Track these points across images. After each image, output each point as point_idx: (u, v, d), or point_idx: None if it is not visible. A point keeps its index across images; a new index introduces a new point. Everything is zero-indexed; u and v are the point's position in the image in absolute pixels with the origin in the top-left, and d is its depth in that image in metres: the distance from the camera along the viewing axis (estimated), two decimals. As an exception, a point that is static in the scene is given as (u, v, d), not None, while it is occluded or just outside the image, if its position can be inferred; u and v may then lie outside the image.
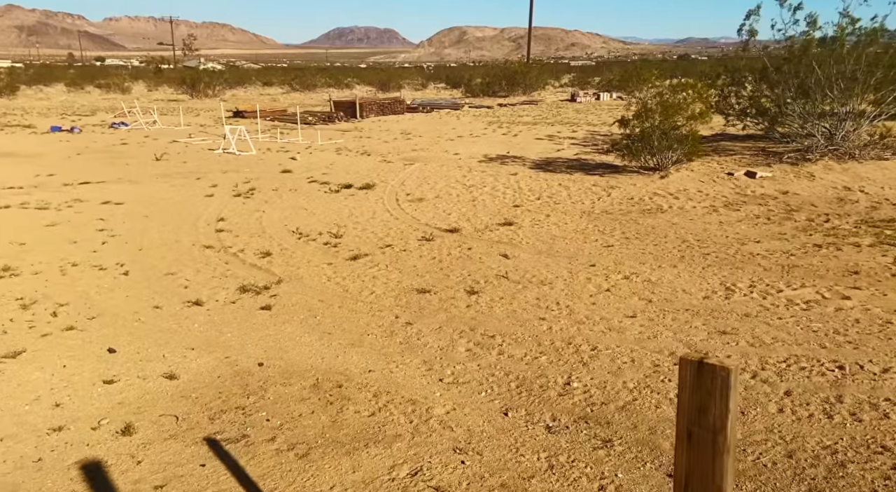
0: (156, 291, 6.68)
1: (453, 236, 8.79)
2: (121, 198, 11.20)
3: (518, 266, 7.45)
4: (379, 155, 16.63)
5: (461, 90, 46.07)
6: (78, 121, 25.35)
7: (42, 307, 6.12)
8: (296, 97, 44.78)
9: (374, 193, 11.85)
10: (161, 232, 9.03)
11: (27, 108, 31.92)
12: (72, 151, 17.26)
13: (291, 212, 10.38)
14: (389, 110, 29.21)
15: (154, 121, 24.51)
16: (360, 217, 9.99)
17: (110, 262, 7.59)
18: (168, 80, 51.46)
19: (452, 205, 10.73)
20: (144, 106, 29.88)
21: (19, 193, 11.57)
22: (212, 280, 7.04)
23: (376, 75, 60.24)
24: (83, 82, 49.69)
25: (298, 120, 23.05)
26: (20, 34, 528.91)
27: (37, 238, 8.57)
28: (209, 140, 19.77)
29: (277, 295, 6.58)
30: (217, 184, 12.68)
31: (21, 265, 7.35)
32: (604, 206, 10.42)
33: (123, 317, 5.97)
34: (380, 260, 7.77)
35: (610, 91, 37.73)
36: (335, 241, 8.63)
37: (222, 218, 9.88)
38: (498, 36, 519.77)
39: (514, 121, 24.52)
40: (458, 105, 33.12)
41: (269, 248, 8.29)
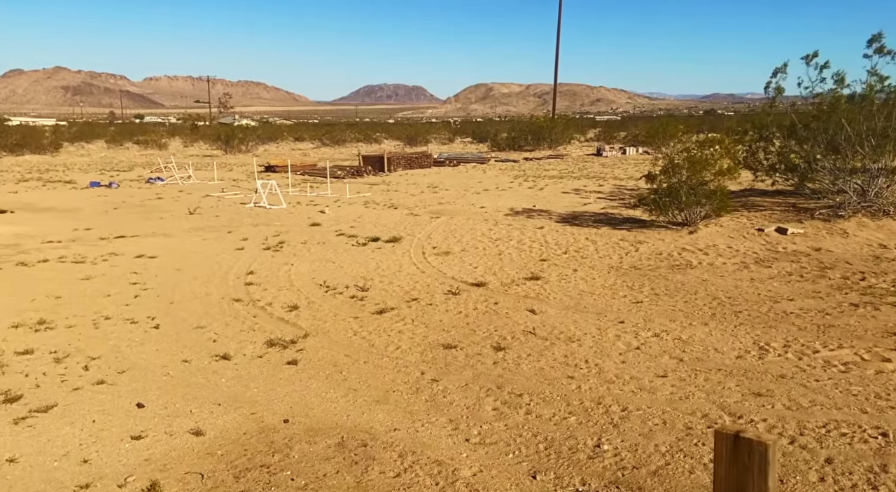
0: (185, 344, 6.74)
1: (479, 290, 8.77)
2: (154, 251, 11.46)
3: (545, 322, 7.38)
4: (406, 208, 16.85)
5: (487, 144, 46.79)
6: (116, 176, 26.26)
7: (74, 361, 6.21)
8: (326, 152, 45.92)
9: (401, 246, 11.95)
10: (192, 285, 9.18)
11: (69, 165, 33.22)
12: (109, 205, 17.81)
13: (319, 265, 10.49)
14: (417, 164, 29.74)
15: (189, 176, 25.27)
16: (387, 270, 10.06)
17: (142, 315, 7.71)
18: (203, 136, 53.26)
19: (479, 258, 10.76)
20: (180, 161, 30.87)
21: (58, 246, 11.92)
22: (240, 334, 7.10)
23: (404, 130, 61.62)
24: (122, 139, 51.69)
25: (328, 174, 23.57)
26: (66, 94, 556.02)
27: (72, 291, 8.77)
28: (241, 194, 20.27)
29: (304, 349, 6.60)
30: (248, 237, 12.92)
31: (56, 319, 7.51)
32: (632, 261, 10.34)
33: (153, 371, 6.02)
34: (406, 314, 7.77)
35: (636, 146, 37.98)
36: (362, 294, 8.67)
37: (252, 271, 10.02)
38: (523, 92, 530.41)
39: (540, 174, 24.74)
40: (484, 159, 33.59)
41: (296, 301, 8.35)
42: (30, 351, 6.40)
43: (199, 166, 29.89)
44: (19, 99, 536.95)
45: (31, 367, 6.02)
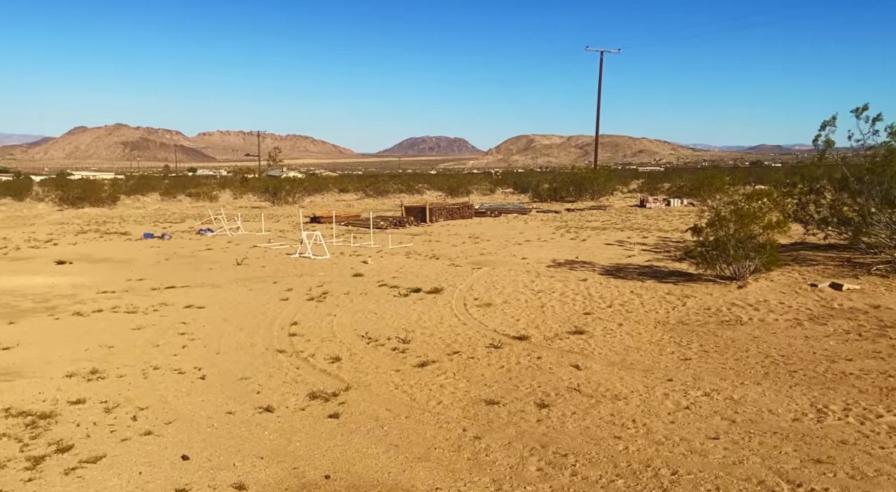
0: (230, 396, 6.81)
1: (522, 344, 8.66)
2: (203, 302, 11.74)
3: (591, 378, 7.22)
4: (447, 259, 16.92)
5: (529, 195, 46.98)
6: (169, 228, 27.23)
7: (124, 411, 6.34)
8: (369, 203, 46.82)
9: (443, 297, 11.95)
10: (238, 336, 9.33)
11: (125, 217, 34.66)
12: (161, 256, 18.41)
13: (361, 316, 10.56)
14: (458, 215, 29.99)
15: (238, 227, 26.03)
16: (428, 322, 10.05)
17: (189, 366, 7.85)
18: (252, 188, 55.02)
19: (521, 311, 10.67)
20: (229, 213, 31.88)
21: (112, 297, 12.34)
22: (283, 385, 7.14)
23: (446, 181, 62.48)
24: (176, 192, 53.84)
25: (371, 225, 23.95)
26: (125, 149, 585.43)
27: (124, 341, 9.02)
28: (287, 245, 20.73)
29: (346, 403, 6.59)
30: (292, 288, 13.13)
31: (108, 368, 7.71)
32: (679, 316, 10.10)
33: (198, 422, 6.09)
34: (447, 367, 7.71)
35: (680, 197, 37.60)
36: (403, 346, 8.66)
37: (295, 322, 10.15)
38: (565, 143, 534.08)
39: (583, 226, 24.63)
40: (525, 210, 33.69)
41: (338, 352, 8.39)
42: (82, 400, 6.57)
43: (247, 217, 30.78)
44: (82, 154, 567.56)
45: (83, 416, 6.17)
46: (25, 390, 6.94)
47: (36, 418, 6.08)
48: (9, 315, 10.70)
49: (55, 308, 11.23)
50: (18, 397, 6.68)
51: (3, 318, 10.50)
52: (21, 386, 7.06)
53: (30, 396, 6.74)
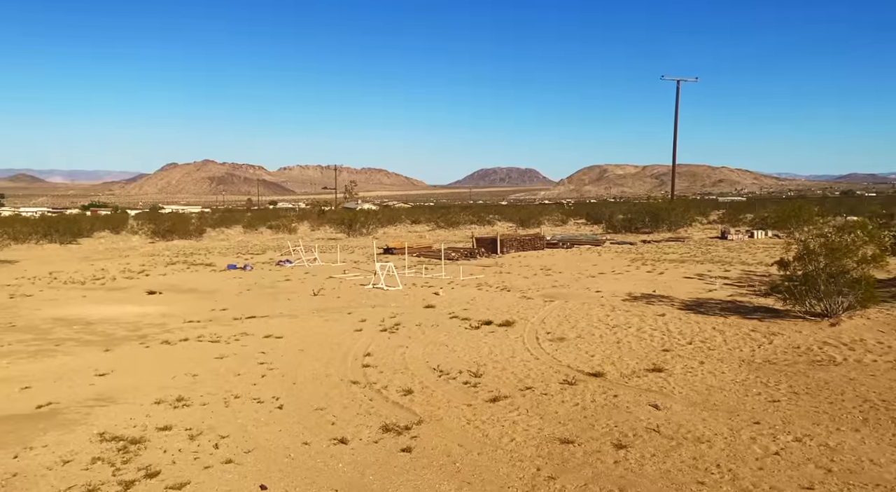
0: (306, 426, 6.95)
1: (597, 381, 8.43)
2: (281, 332, 12.11)
3: (671, 419, 6.92)
4: (519, 291, 16.78)
5: (602, 226, 46.20)
6: (250, 259, 28.38)
7: (206, 438, 6.57)
8: (441, 234, 47.26)
9: (514, 330, 11.83)
10: (314, 366, 9.54)
11: (210, 249, 36.41)
12: (243, 287, 19.17)
13: (433, 348, 10.58)
14: (529, 246, 29.80)
15: (315, 258, 26.83)
16: (500, 356, 9.95)
17: (267, 395, 8.08)
18: (329, 220, 56.80)
19: (595, 346, 10.41)
20: (307, 244, 32.94)
21: (196, 326, 12.92)
22: (357, 417, 7.22)
23: (517, 212, 62.40)
24: (257, 224, 56.20)
25: (442, 256, 24.15)
26: (211, 184, 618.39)
27: (207, 370, 9.40)
28: (361, 276, 21.15)
29: (418, 437, 6.58)
30: (366, 318, 13.34)
31: (192, 396, 8.05)
32: (765, 354, 9.57)
33: (275, 452, 6.23)
34: (520, 403, 7.59)
35: (764, 228, 35.99)
36: (475, 380, 8.60)
37: (369, 353, 10.28)
38: (640, 173, 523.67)
39: (660, 258, 23.93)
40: (599, 241, 33.09)
41: (410, 385, 8.42)
42: (168, 427, 6.87)
43: (323, 249, 31.70)
44: (173, 189, 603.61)
45: (169, 443, 6.44)
46: (118, 415, 7.33)
47: (127, 443, 6.40)
48: (105, 343, 11.39)
49: (146, 337, 11.86)
50: (112, 422, 7.06)
51: (100, 345, 11.18)
52: (114, 411, 7.46)
53: (122, 421, 7.11)
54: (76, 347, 11.00)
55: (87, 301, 16.36)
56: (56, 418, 7.23)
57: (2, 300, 16.52)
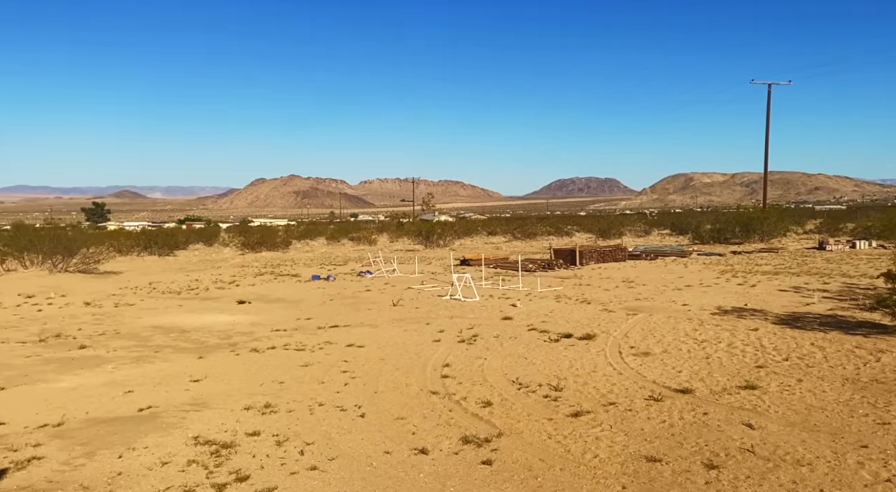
0: (387, 435, 7.02)
1: (685, 398, 8.08)
2: (362, 341, 12.34)
3: (766, 439, 6.52)
4: (599, 304, 16.39)
5: (688, 237, 44.54)
6: (333, 270, 29.19)
7: (292, 445, 6.77)
8: (517, 245, 46.97)
9: (595, 344, 11.55)
10: (394, 375, 9.65)
11: (295, 260, 37.75)
12: (326, 297, 19.72)
13: (511, 360, 10.47)
14: (610, 258, 29.09)
15: (394, 269, 27.28)
16: (581, 369, 9.72)
17: (350, 403, 8.24)
18: (407, 232, 57.67)
19: (682, 361, 9.99)
20: (386, 256, 33.56)
21: (283, 335, 13.38)
22: (436, 428, 7.23)
23: (596, 222, 61.16)
24: (339, 236, 57.81)
25: (520, 267, 23.95)
26: (297, 197, 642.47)
27: (293, 377, 9.70)
28: (438, 287, 21.30)
29: (498, 450, 6.51)
30: (444, 329, 13.39)
31: (279, 403, 8.32)
32: (872, 373, 8.87)
33: (358, 460, 6.33)
34: (603, 419, 7.38)
35: (867, 238, 33.59)
36: (555, 394, 8.44)
37: (447, 364, 10.30)
38: (728, 181, 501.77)
39: (751, 270, 22.77)
40: (685, 252, 31.88)
41: (490, 397, 8.36)
42: (257, 433, 7.12)
43: (402, 260, 32.19)
44: (261, 203, 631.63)
45: (258, 448, 6.67)
46: (211, 419, 7.67)
47: (219, 447, 6.68)
48: (198, 350, 11.99)
49: (236, 345, 12.39)
50: (205, 426, 7.39)
51: (194, 352, 11.77)
52: (207, 416, 7.82)
53: (214, 425, 7.43)
54: (173, 354, 11.64)
55: (182, 310, 17.30)
56: (155, 421, 7.66)
57: (108, 309, 17.73)
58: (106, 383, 9.50)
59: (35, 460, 6.38)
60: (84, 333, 13.90)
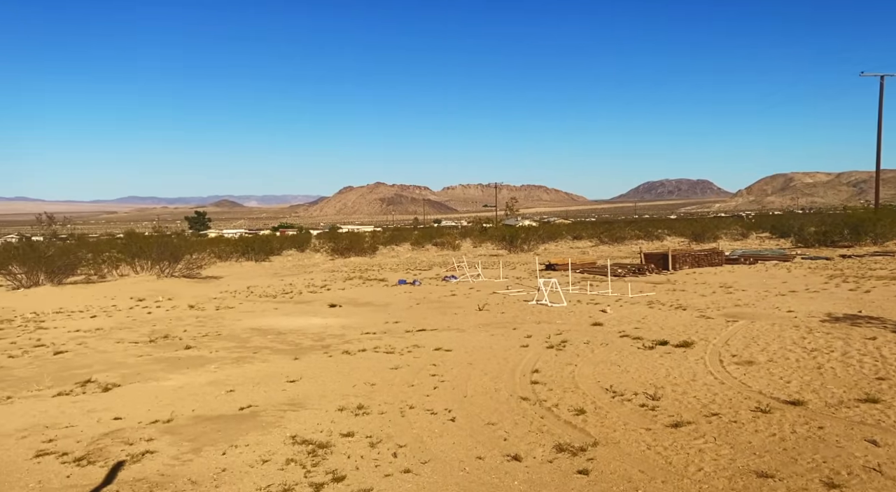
0: (478, 440, 6.95)
1: (796, 410, 7.53)
2: (450, 345, 12.35)
3: (894, 458, 5.95)
4: (696, 310, 15.67)
5: (790, 240, 41.95)
6: (418, 274, 29.53)
7: (385, 447, 6.81)
8: (604, 250, 45.85)
9: (694, 351, 11.01)
10: (482, 380, 9.58)
11: (382, 265, 38.52)
12: (413, 301, 19.95)
13: (603, 367, 10.16)
14: (705, 262, 27.81)
15: (478, 274, 27.26)
16: (679, 378, 9.28)
17: (440, 407, 8.23)
18: (490, 237, 57.57)
19: (791, 371, 9.34)
20: (470, 261, 33.61)
21: (373, 338, 13.62)
22: (528, 434, 7.09)
23: (688, 226, 58.75)
24: (423, 242, 58.49)
25: (608, 272, 23.31)
26: (382, 204, 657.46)
27: (383, 380, 9.82)
28: (524, 291, 21.06)
29: (594, 459, 6.29)
30: (531, 334, 13.19)
31: (371, 404, 8.43)
32: None
33: (450, 464, 6.29)
34: (706, 430, 6.98)
35: None
36: (652, 403, 8.09)
37: (536, 369, 10.11)
38: (833, 181, 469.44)
39: (864, 275, 21.10)
40: (787, 256, 30.01)
41: (582, 405, 8.12)
42: (351, 434, 7.23)
43: (486, 265, 32.12)
44: (349, 210, 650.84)
45: (352, 449, 6.77)
46: (307, 419, 7.87)
47: (315, 446, 6.82)
48: (294, 352, 12.39)
49: (329, 347, 12.72)
50: (302, 426, 7.59)
51: (290, 354, 12.18)
52: (304, 416, 8.03)
53: (310, 425, 7.62)
54: (270, 355, 12.09)
55: (278, 313, 17.99)
56: (255, 419, 7.95)
57: (210, 312, 18.70)
58: (210, 382, 9.99)
59: (148, 453, 6.76)
60: (189, 334, 14.71)
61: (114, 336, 14.67)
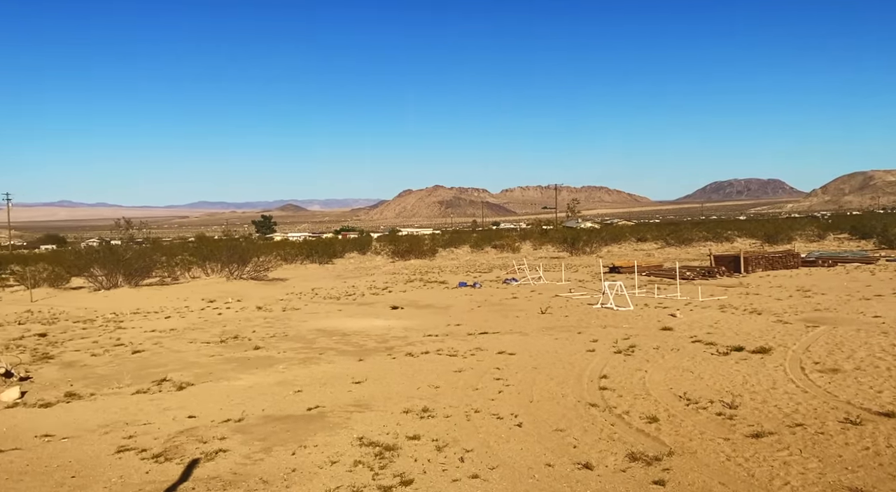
0: (546, 447, 6.78)
1: (891, 422, 7.03)
2: (513, 348, 12.19)
3: None
4: (772, 314, 14.97)
5: (873, 241, 39.64)
6: (478, 277, 29.42)
7: (452, 451, 6.73)
8: (670, 252, 44.52)
9: (772, 358, 10.49)
10: (548, 385, 9.38)
11: (442, 267, 38.61)
12: (474, 303, 19.85)
13: (675, 373, 9.79)
14: (780, 264, 26.60)
15: (539, 277, 26.92)
16: (757, 386, 8.84)
17: (506, 411, 8.09)
18: (551, 239, 56.86)
19: (882, 380, 8.75)
20: (531, 263, 33.26)
21: (435, 340, 13.60)
22: (599, 442, 6.87)
23: (760, 226, 56.45)
24: (483, 244, 58.30)
25: (677, 275, 22.57)
26: (440, 207, 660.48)
27: (447, 382, 9.76)
28: (587, 295, 20.64)
29: (670, 469, 6.02)
30: (597, 339, 12.88)
31: (436, 407, 8.37)
32: None
33: (519, 471, 6.14)
34: (789, 442, 6.60)
35: None
36: (730, 412, 7.72)
37: (604, 375, 9.84)
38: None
39: (957, 276, 19.64)
40: (870, 258, 28.35)
41: (654, 412, 7.83)
42: (417, 437, 7.19)
43: (547, 267, 31.70)
44: (408, 213, 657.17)
45: (419, 453, 6.72)
46: (373, 421, 7.89)
47: (382, 449, 6.81)
48: (358, 353, 12.51)
49: (392, 348, 12.78)
50: (368, 428, 7.61)
51: (354, 355, 12.29)
52: (370, 418, 8.05)
53: (376, 427, 7.62)
54: (336, 356, 12.24)
55: (342, 315, 18.24)
56: (323, 420, 8.02)
57: (277, 313, 19.15)
58: (278, 383, 10.18)
59: (221, 452, 6.91)
60: (257, 335, 15.09)
61: (187, 336, 15.20)
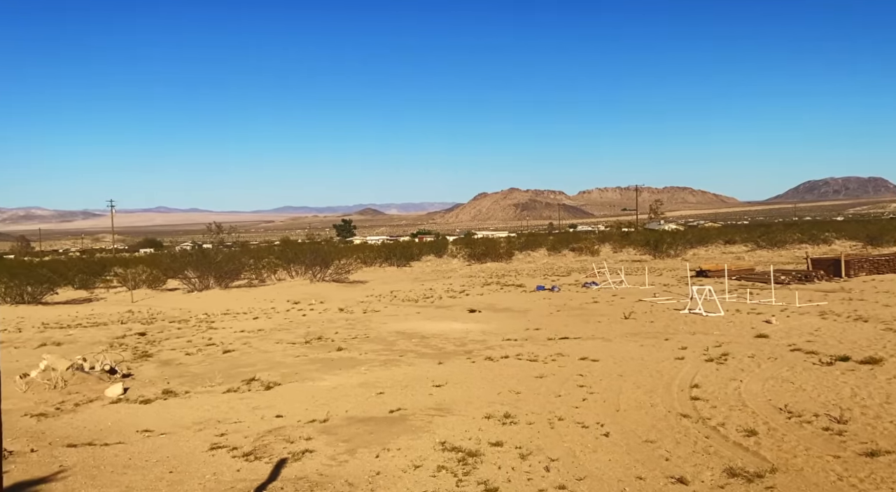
0: (636, 458, 6.49)
1: None
2: (596, 355, 11.83)
3: None
4: (880, 321, 13.89)
5: None
6: (556, 280, 28.93)
7: (536, 460, 6.55)
8: (762, 255, 42.33)
9: (884, 369, 9.70)
10: (635, 393, 9.02)
11: (518, 270, 38.26)
12: (553, 307, 19.49)
13: (774, 384, 9.20)
14: (887, 268, 24.72)
15: (621, 280, 26.14)
16: (869, 400, 8.16)
17: (591, 420, 7.83)
18: (632, 242, 55.22)
19: None
20: (611, 266, 32.38)
21: (514, 344, 13.41)
22: (693, 455, 6.51)
23: (862, 228, 52.80)
24: (560, 247, 57.35)
25: (771, 279, 21.35)
26: (516, 209, 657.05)
27: (528, 388, 9.56)
28: (673, 299, 19.85)
29: (774, 488, 5.62)
30: (686, 346, 12.33)
31: (518, 414, 8.20)
32: None
33: (609, 483, 5.90)
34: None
35: None
36: (838, 427, 7.15)
37: (696, 384, 9.37)
38: None
39: None
40: None
41: (753, 425, 7.36)
42: (500, 443, 7.05)
43: (628, 271, 30.76)
44: (483, 216, 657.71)
45: (502, 460, 6.57)
46: (455, 426, 7.82)
47: (465, 454, 6.72)
48: (437, 356, 12.51)
49: (471, 352, 12.69)
50: (450, 433, 7.54)
51: (434, 358, 12.30)
52: (451, 422, 7.99)
53: (458, 432, 7.54)
54: (416, 359, 12.28)
55: (420, 317, 18.35)
56: (405, 423, 8.02)
57: (358, 315, 19.51)
58: (361, 384, 10.30)
59: (308, 452, 7.02)
60: (340, 336, 15.39)
61: (273, 337, 15.70)
